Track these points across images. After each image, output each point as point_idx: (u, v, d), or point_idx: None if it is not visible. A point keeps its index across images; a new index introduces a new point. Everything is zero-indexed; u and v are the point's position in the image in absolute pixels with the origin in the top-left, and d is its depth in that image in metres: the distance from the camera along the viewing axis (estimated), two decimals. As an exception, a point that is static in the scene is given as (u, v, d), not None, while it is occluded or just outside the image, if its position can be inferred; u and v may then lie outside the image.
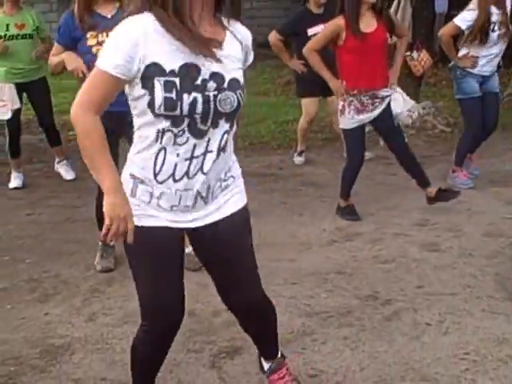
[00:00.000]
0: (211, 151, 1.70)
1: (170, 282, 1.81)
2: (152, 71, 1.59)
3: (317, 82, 4.77)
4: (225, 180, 1.80)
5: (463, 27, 4.31)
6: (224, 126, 1.69)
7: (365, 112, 3.78)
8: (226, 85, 1.65)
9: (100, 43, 3.00)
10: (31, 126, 6.22)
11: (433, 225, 3.88)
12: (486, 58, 4.34)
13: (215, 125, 1.67)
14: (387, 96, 3.83)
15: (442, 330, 2.64)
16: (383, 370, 2.37)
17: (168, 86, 1.58)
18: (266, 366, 2.19)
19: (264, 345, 2.15)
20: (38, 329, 2.74)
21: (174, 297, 1.83)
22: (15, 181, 4.80)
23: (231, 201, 1.82)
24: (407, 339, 2.57)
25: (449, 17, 8.26)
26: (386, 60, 3.86)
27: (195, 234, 1.83)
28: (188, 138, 1.65)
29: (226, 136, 1.72)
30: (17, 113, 4.66)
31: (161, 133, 1.64)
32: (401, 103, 3.84)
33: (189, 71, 1.60)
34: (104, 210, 1.61)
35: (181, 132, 1.64)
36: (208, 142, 1.68)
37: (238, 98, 1.67)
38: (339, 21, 3.69)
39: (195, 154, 1.67)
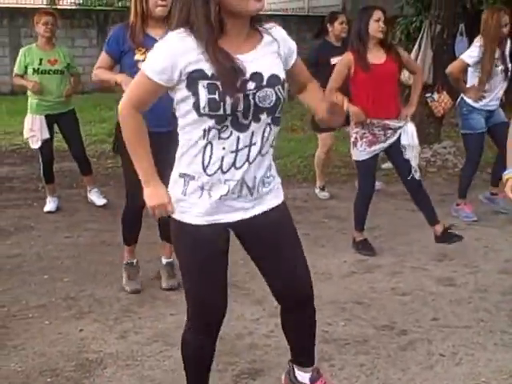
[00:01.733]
0: (255, 143, 1.81)
1: (216, 280, 1.91)
2: (195, 76, 1.73)
3: None
4: (267, 177, 1.92)
5: (470, 62, 4.55)
6: (265, 119, 1.81)
7: (377, 143, 3.90)
8: (264, 82, 1.78)
9: None
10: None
11: (450, 260, 3.96)
12: (491, 93, 4.55)
13: (257, 119, 1.79)
14: (399, 127, 3.92)
15: (455, 361, 2.71)
16: (396, 396, 2.44)
17: (211, 89, 1.71)
18: (305, 376, 2.24)
19: (304, 347, 2.19)
20: (74, 344, 2.85)
21: (219, 292, 1.93)
22: (49, 205, 4.99)
23: (273, 195, 1.96)
24: (421, 368, 2.64)
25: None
26: (396, 91, 4.00)
27: (243, 226, 1.91)
28: (231, 132, 1.77)
29: (268, 129, 1.83)
30: (49, 142, 4.89)
31: (207, 131, 1.77)
32: (410, 136, 3.95)
33: (229, 74, 1.72)
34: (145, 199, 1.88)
35: (224, 127, 1.76)
36: (252, 134, 1.79)
37: (276, 93, 1.79)
38: (348, 56, 3.91)
39: (240, 147, 1.79)
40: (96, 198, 5.09)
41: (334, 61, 5.08)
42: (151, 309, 3.25)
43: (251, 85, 1.76)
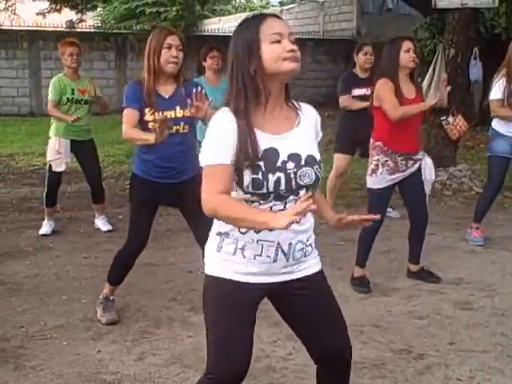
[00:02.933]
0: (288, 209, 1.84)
1: (243, 337, 1.92)
2: (240, 157, 1.79)
3: (356, 141, 5.20)
4: (306, 246, 1.95)
5: (502, 96, 4.52)
6: (302, 194, 1.87)
7: (397, 172, 3.80)
8: (303, 162, 1.87)
9: (156, 121, 3.05)
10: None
11: (466, 284, 3.96)
12: None
13: (296, 194, 1.87)
14: (419, 159, 3.85)
15: (473, 385, 2.71)
16: (414, 421, 2.45)
17: (255, 169, 1.80)
18: None
19: None
20: (91, 365, 2.88)
21: (244, 352, 1.91)
22: (45, 227, 4.98)
23: (311, 263, 1.99)
24: (438, 393, 2.65)
25: (485, 85, 8.46)
26: (419, 126, 3.96)
27: (279, 289, 1.94)
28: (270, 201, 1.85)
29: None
30: None
31: (248, 202, 1.83)
32: (429, 170, 3.93)
33: (270, 155, 1.82)
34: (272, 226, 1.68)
35: (266, 200, 1.84)
36: (285, 203, 1.86)
37: (315, 172, 1.88)
38: (387, 82, 3.70)
39: (273, 211, 1.83)
40: (102, 224, 5.14)
41: (355, 92, 5.23)
42: (169, 330, 3.27)
43: (291, 164, 1.85)
